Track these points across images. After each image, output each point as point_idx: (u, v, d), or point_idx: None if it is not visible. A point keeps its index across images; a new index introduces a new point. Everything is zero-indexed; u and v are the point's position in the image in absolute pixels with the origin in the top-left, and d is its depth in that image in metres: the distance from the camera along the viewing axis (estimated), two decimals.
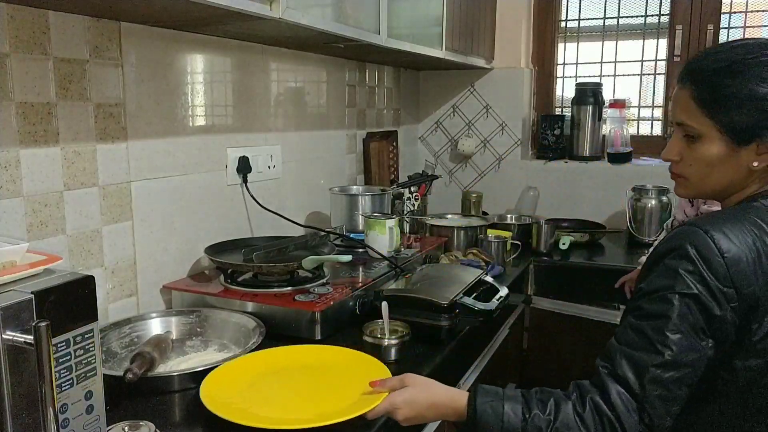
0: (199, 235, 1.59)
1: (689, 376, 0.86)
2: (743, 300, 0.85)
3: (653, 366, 0.86)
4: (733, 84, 0.92)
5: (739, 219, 0.90)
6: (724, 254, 0.85)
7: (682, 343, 0.85)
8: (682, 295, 0.86)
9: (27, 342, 0.68)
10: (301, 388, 1.10)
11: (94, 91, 1.28)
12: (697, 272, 0.86)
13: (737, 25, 2.48)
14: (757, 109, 0.91)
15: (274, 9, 1.24)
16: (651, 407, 0.85)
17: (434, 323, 1.35)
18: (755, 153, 0.93)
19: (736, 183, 0.96)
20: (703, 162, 0.97)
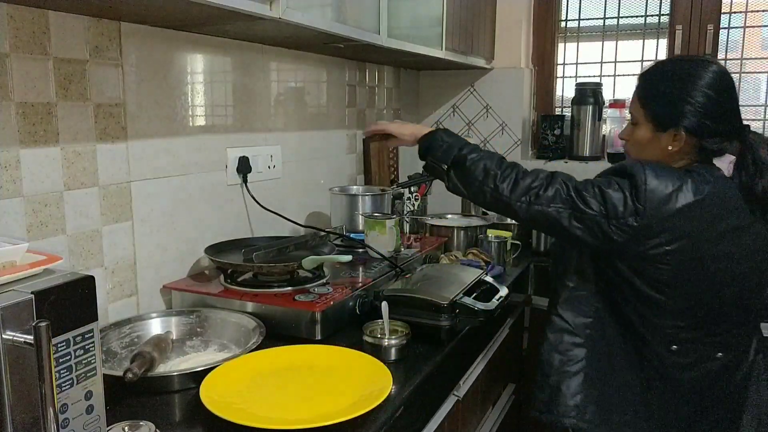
0: (199, 235, 1.59)
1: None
2: (645, 219, 1.13)
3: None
4: (659, 84, 1.25)
5: (671, 170, 1.18)
6: (647, 183, 1.13)
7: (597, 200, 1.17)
8: (609, 186, 1.17)
9: (27, 342, 0.68)
10: (301, 388, 1.10)
11: (94, 91, 1.28)
12: (626, 186, 1.16)
13: (737, 25, 2.48)
14: (672, 105, 1.21)
15: (274, 9, 1.24)
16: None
17: (434, 323, 1.35)
18: (672, 139, 1.22)
19: (662, 160, 1.23)
20: (638, 143, 1.28)
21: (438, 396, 1.33)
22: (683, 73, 1.22)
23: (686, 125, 1.20)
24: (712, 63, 1.22)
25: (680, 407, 1.25)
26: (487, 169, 1.24)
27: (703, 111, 1.18)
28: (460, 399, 1.44)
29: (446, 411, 1.37)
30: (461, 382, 1.45)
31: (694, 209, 1.13)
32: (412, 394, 1.14)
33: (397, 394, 1.10)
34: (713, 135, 1.20)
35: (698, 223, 1.14)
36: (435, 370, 1.26)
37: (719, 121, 1.20)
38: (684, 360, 1.23)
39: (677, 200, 1.13)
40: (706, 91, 1.19)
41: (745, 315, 1.25)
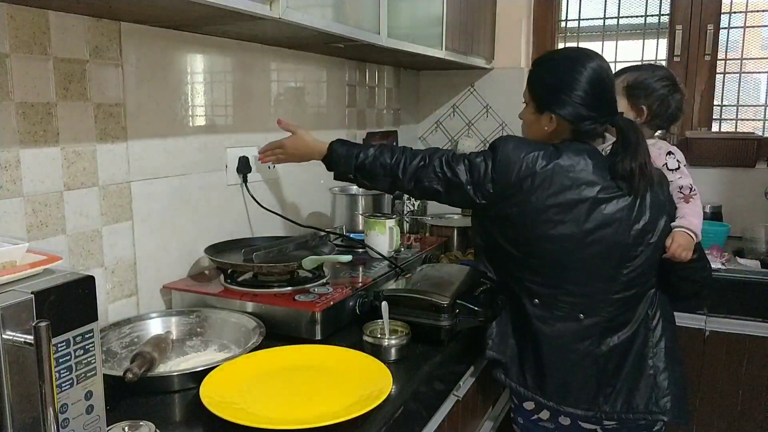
0: (199, 235, 1.59)
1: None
2: (499, 184, 1.33)
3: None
4: (540, 73, 1.42)
5: (533, 143, 1.36)
6: (501, 153, 1.33)
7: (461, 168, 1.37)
8: (477, 157, 1.38)
9: (27, 342, 0.68)
10: (301, 388, 1.10)
11: (94, 91, 1.28)
12: (489, 156, 1.36)
13: (737, 25, 2.48)
14: (550, 92, 1.38)
15: (274, 9, 1.24)
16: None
17: (434, 323, 1.35)
18: (548, 121, 1.38)
19: (541, 139, 1.40)
20: (525, 122, 1.48)
21: (438, 396, 1.33)
22: (564, 64, 1.38)
23: (559, 111, 1.35)
24: (592, 58, 1.37)
25: (546, 357, 1.38)
26: (383, 164, 1.42)
27: (577, 100, 1.33)
28: (460, 399, 1.43)
29: (446, 411, 1.37)
30: (461, 382, 1.45)
31: (536, 178, 1.29)
32: (412, 394, 1.14)
33: (397, 394, 1.10)
34: (584, 120, 1.34)
35: (543, 190, 1.29)
36: (435, 370, 1.25)
37: (590, 109, 1.34)
38: (545, 314, 1.37)
39: (521, 169, 1.30)
40: (581, 83, 1.33)
41: (608, 284, 1.35)
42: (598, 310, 1.36)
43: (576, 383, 1.38)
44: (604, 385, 1.37)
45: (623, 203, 1.32)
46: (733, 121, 2.57)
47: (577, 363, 1.37)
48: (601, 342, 1.37)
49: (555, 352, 1.38)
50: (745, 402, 2.05)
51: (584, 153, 1.33)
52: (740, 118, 2.57)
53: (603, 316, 1.36)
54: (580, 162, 1.31)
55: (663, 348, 1.39)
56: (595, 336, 1.37)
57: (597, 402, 1.37)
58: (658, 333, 1.40)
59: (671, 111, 1.62)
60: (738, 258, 2.17)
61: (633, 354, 1.38)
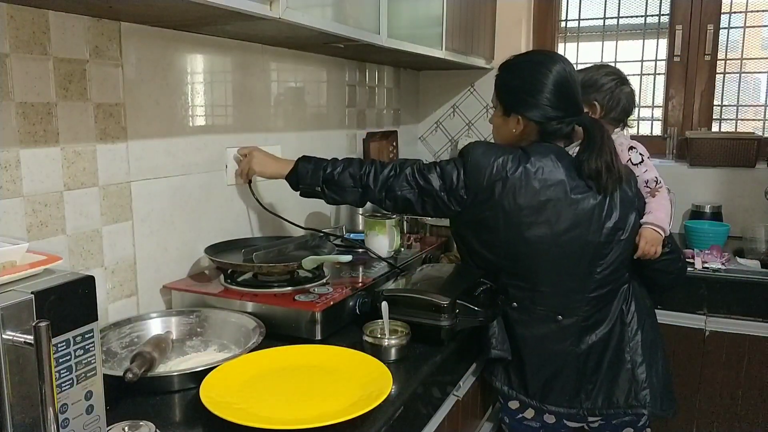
0: (199, 235, 1.59)
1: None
2: (471, 190, 1.35)
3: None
4: (506, 77, 1.46)
5: (502, 147, 1.39)
6: (470, 159, 1.35)
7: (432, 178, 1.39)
8: (448, 164, 1.39)
9: (27, 342, 0.68)
10: (301, 388, 1.10)
11: (94, 91, 1.28)
12: (460, 163, 1.37)
13: (737, 25, 2.48)
14: (516, 94, 1.42)
15: (274, 9, 1.24)
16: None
17: (434, 323, 1.35)
18: (516, 123, 1.42)
19: (511, 141, 1.44)
20: (494, 126, 1.51)
21: (438, 396, 1.33)
22: (530, 67, 1.41)
23: (525, 112, 1.39)
24: (557, 60, 1.40)
25: (528, 359, 1.42)
26: (352, 175, 1.43)
27: (542, 102, 1.37)
28: (460, 399, 1.44)
29: (446, 411, 1.37)
30: (461, 382, 1.45)
31: (507, 181, 1.32)
32: (412, 394, 1.14)
33: (397, 394, 1.10)
34: (550, 120, 1.38)
35: (511, 193, 1.32)
36: (435, 370, 1.26)
37: (557, 110, 1.37)
38: (523, 317, 1.41)
39: (492, 173, 1.32)
40: (546, 85, 1.37)
41: (583, 283, 1.38)
42: (575, 310, 1.39)
43: (557, 382, 1.41)
44: (584, 382, 1.41)
45: (593, 202, 1.35)
46: (733, 121, 2.57)
47: (558, 363, 1.41)
48: (580, 341, 1.40)
49: (536, 353, 1.42)
50: (745, 402, 2.05)
51: (551, 154, 1.36)
52: (740, 118, 2.57)
53: (580, 315, 1.40)
54: (548, 163, 1.34)
55: (639, 342, 1.42)
56: (574, 336, 1.40)
57: (578, 399, 1.41)
58: (634, 327, 1.43)
59: (623, 104, 1.67)
60: (738, 258, 2.17)
61: (611, 350, 1.41)
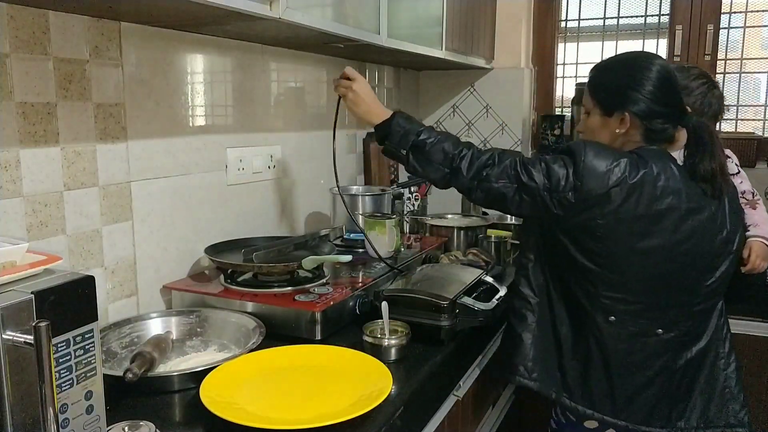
0: (199, 235, 1.59)
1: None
2: (582, 193, 1.21)
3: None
4: (605, 76, 1.37)
5: (614, 150, 1.26)
6: (584, 160, 1.21)
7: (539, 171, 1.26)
8: (555, 162, 1.25)
9: (27, 342, 0.68)
10: (301, 388, 1.10)
11: (94, 91, 1.28)
12: (569, 162, 1.24)
13: (737, 25, 2.48)
14: (617, 91, 1.31)
15: (274, 9, 1.24)
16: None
17: (434, 323, 1.35)
18: (619, 122, 1.31)
19: (612, 143, 1.32)
20: (590, 129, 1.38)
21: (438, 396, 1.33)
22: (629, 64, 1.34)
23: (631, 108, 1.28)
24: (657, 57, 1.34)
25: (617, 376, 1.31)
26: (445, 152, 1.31)
27: (647, 95, 1.27)
28: (460, 399, 1.43)
29: (446, 411, 1.37)
30: (461, 382, 1.45)
31: (627, 188, 1.20)
32: (412, 394, 1.14)
33: (397, 394, 1.10)
34: (656, 117, 1.28)
35: (630, 201, 1.20)
36: (435, 370, 1.25)
37: (661, 105, 1.28)
38: (621, 331, 1.29)
39: (611, 178, 1.20)
40: (650, 79, 1.28)
41: (690, 297, 1.28)
42: (678, 324, 1.29)
43: (649, 400, 1.31)
44: (678, 401, 1.31)
45: (708, 212, 1.26)
46: (733, 121, 2.57)
47: (652, 380, 1.30)
48: (678, 356, 1.30)
49: (628, 369, 1.30)
50: None
51: (667, 159, 1.26)
52: (740, 118, 2.57)
53: (681, 329, 1.30)
54: (667, 169, 1.23)
55: (734, 358, 1.35)
56: (672, 351, 1.30)
57: (671, 418, 1.31)
58: (728, 343, 1.35)
59: (714, 108, 1.58)
60: None
61: (707, 366, 1.32)
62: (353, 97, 1.43)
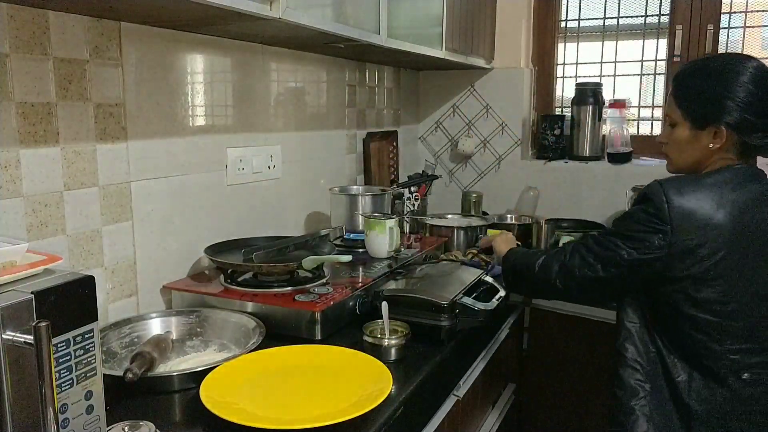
0: (199, 235, 1.59)
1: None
2: (675, 236, 1.12)
3: None
4: (694, 84, 1.23)
5: (693, 179, 1.17)
6: (669, 201, 1.12)
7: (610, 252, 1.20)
8: (622, 224, 1.20)
9: (27, 342, 0.68)
10: (301, 388, 1.10)
11: (94, 91, 1.28)
12: (642, 212, 1.15)
13: (737, 25, 2.47)
14: (710, 102, 1.19)
15: (274, 9, 1.24)
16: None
17: (434, 323, 1.35)
18: (712, 136, 1.19)
19: (702, 160, 1.22)
20: (678, 143, 1.26)
21: (438, 396, 1.33)
22: (720, 69, 1.19)
23: (727, 121, 1.16)
24: (750, 58, 1.20)
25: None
26: (528, 265, 1.38)
27: (744, 106, 1.14)
28: (460, 399, 1.43)
29: (446, 411, 1.37)
30: (461, 382, 1.45)
31: (728, 216, 1.09)
32: (412, 394, 1.14)
33: (397, 394, 1.10)
34: (755, 130, 1.16)
35: (736, 229, 1.10)
36: (435, 370, 1.25)
37: (761, 116, 1.15)
38: (759, 390, 1.13)
39: (707, 211, 1.10)
40: (746, 86, 1.15)
41: None
42: None
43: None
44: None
45: None
46: None
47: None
48: None
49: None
50: None
51: (757, 177, 1.16)
52: None
53: None
54: (762, 188, 1.14)
55: None
56: None
57: None
58: None
59: None
60: None
61: None
62: (500, 241, 1.61)
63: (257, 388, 1.08)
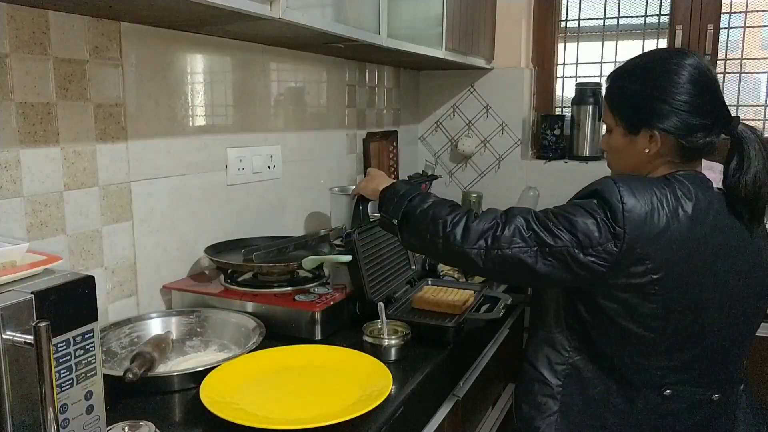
0: (199, 235, 1.59)
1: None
2: (627, 242, 0.99)
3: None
4: (624, 86, 1.14)
5: (647, 182, 1.04)
6: (624, 202, 0.99)
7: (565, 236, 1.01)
8: (575, 213, 1.02)
9: (27, 342, 0.68)
10: (301, 388, 1.10)
11: (94, 91, 1.28)
12: (598, 209, 1.01)
13: (737, 25, 2.48)
14: (641, 104, 1.09)
15: (274, 9, 1.24)
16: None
17: (441, 324, 1.35)
18: (648, 141, 1.09)
19: (641, 166, 1.12)
20: (615, 149, 1.16)
21: (438, 396, 1.33)
22: (652, 69, 1.10)
23: (660, 124, 1.06)
24: (684, 54, 1.09)
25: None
26: (435, 218, 1.10)
27: (679, 108, 1.05)
28: (460, 399, 1.43)
29: (446, 411, 1.37)
30: (461, 382, 1.45)
31: (680, 229, 1.00)
32: (412, 394, 1.14)
33: (397, 394, 1.10)
34: (694, 131, 1.05)
35: (684, 244, 1.00)
36: (435, 370, 1.25)
37: (699, 115, 1.05)
38: (678, 406, 1.08)
39: (659, 220, 0.99)
40: (681, 86, 1.05)
41: (743, 348, 1.12)
42: (731, 383, 1.12)
43: None
44: None
45: (760, 244, 1.08)
46: None
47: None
48: (727, 416, 1.14)
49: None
50: None
51: (705, 187, 1.05)
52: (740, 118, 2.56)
53: (733, 389, 1.14)
54: (709, 201, 1.03)
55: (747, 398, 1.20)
56: (724, 415, 1.13)
57: None
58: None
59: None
60: None
61: (741, 415, 1.17)
62: (364, 182, 1.36)
63: (257, 388, 1.08)
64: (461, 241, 1.06)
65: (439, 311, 1.44)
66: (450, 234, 1.07)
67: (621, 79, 1.16)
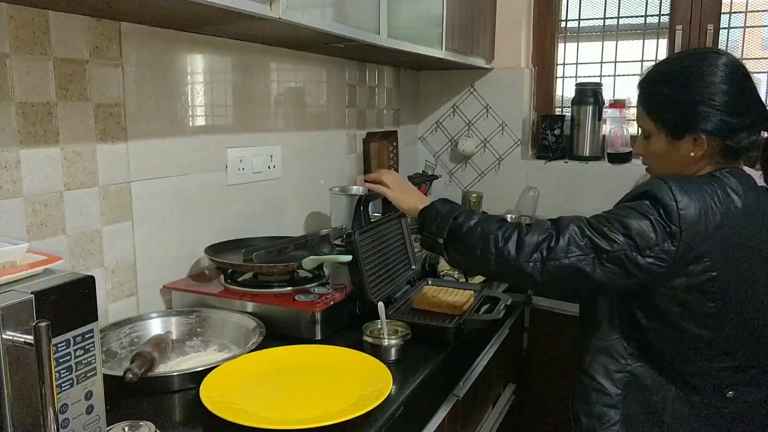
0: (199, 235, 1.59)
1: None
2: (684, 241, 0.99)
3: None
4: (662, 92, 1.13)
5: (696, 180, 1.05)
6: (678, 201, 0.99)
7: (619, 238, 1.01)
8: (628, 215, 1.02)
9: (27, 342, 0.68)
10: (301, 388, 1.10)
11: (94, 91, 1.28)
12: (651, 209, 1.01)
13: (737, 25, 2.47)
14: (684, 108, 1.09)
15: (274, 9, 1.24)
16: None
17: (442, 325, 1.35)
18: (692, 145, 1.09)
19: (685, 168, 1.12)
20: (656, 155, 1.15)
21: (438, 396, 1.33)
22: (688, 72, 1.10)
23: (705, 127, 1.06)
24: (718, 54, 1.10)
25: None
26: (485, 234, 1.09)
27: (721, 108, 1.05)
28: (460, 399, 1.43)
29: (446, 411, 1.37)
30: (461, 382, 1.45)
31: (734, 225, 1.01)
32: (412, 394, 1.14)
33: (397, 394, 1.10)
34: (738, 131, 1.06)
35: (737, 239, 1.01)
36: (435, 370, 1.25)
37: (740, 115, 1.06)
38: (741, 407, 1.08)
39: (713, 216, 0.99)
40: (718, 86, 1.06)
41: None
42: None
43: None
44: None
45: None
46: None
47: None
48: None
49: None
50: None
51: (751, 184, 1.08)
52: None
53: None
54: (758, 195, 1.06)
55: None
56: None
57: None
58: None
59: None
60: None
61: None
62: (395, 189, 1.33)
63: (257, 388, 1.08)
64: (516, 255, 1.05)
65: (440, 312, 1.44)
66: (503, 249, 1.06)
67: (659, 86, 1.14)
